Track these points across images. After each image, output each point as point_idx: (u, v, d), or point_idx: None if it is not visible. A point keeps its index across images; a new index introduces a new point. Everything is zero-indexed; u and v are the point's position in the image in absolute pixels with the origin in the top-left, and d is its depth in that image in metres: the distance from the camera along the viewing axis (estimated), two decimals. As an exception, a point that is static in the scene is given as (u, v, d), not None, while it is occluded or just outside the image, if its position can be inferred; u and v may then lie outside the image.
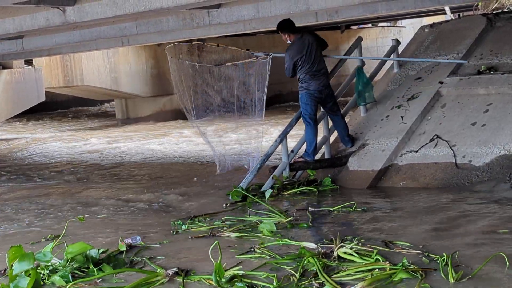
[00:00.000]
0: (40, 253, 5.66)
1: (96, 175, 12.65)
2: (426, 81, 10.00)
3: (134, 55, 23.27)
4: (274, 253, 5.97)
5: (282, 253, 6.02)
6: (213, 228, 7.17)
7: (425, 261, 5.47)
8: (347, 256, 5.62)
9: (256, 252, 6.07)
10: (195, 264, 5.93)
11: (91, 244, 5.97)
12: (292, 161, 9.45)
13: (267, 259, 5.87)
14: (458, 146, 8.85)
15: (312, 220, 7.31)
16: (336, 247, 5.71)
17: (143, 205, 9.27)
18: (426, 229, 6.69)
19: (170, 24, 11.31)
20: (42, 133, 22.98)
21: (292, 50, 9.36)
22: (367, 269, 5.26)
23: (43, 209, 9.36)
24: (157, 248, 6.62)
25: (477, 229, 6.55)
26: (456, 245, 5.94)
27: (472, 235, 6.31)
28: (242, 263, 5.83)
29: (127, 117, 24.44)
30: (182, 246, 6.71)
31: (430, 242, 6.09)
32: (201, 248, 6.42)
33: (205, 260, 5.84)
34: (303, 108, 9.43)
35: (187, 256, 6.31)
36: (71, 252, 5.63)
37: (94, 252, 5.82)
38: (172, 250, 6.53)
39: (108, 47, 17.36)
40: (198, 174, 11.57)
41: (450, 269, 5.09)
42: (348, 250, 5.66)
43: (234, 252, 6.21)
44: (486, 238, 6.17)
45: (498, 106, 9.06)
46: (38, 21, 9.66)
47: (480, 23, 10.50)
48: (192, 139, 17.06)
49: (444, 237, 6.32)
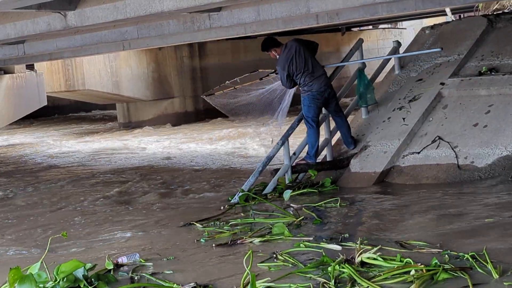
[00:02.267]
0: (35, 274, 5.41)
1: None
2: (427, 83, 10.00)
3: (135, 59, 23.28)
4: (296, 260, 5.79)
5: (303, 259, 5.86)
6: (233, 234, 7.01)
7: (445, 259, 5.41)
8: (371, 261, 5.49)
9: (278, 259, 5.87)
10: (211, 277, 5.70)
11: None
12: (294, 163, 9.45)
13: (289, 266, 5.69)
14: (460, 147, 8.85)
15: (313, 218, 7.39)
16: (358, 252, 5.56)
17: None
18: (434, 227, 6.72)
19: (171, 28, 11.30)
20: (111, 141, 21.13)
21: (280, 61, 9.45)
22: (403, 272, 5.19)
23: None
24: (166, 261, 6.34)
25: (487, 227, 6.56)
26: (471, 243, 5.97)
27: (483, 234, 6.32)
28: (264, 272, 5.59)
29: (129, 120, 24.45)
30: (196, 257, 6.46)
31: (444, 240, 6.10)
32: (217, 257, 6.30)
33: (221, 272, 5.74)
34: (306, 110, 9.44)
35: (203, 267, 6.06)
36: (63, 272, 5.38)
37: (81, 272, 5.52)
38: (189, 261, 6.29)
39: (109, 51, 17.37)
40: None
41: (491, 265, 5.11)
42: (372, 255, 5.54)
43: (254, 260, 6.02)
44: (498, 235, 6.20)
45: (500, 107, 9.06)
46: (40, 26, 9.68)
47: (481, 24, 10.50)
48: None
49: (456, 235, 6.34)
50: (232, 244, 6.62)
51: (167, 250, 6.71)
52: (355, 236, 6.51)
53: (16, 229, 8.58)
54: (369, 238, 6.35)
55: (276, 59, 9.59)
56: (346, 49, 24.62)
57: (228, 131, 18.67)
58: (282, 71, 9.43)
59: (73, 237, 7.64)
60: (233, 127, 18.89)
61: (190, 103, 24.40)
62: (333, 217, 7.66)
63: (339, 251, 5.93)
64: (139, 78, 23.36)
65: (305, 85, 9.40)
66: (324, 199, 8.40)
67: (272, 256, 5.96)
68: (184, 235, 7.31)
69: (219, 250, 6.55)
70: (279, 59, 9.50)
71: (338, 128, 9.83)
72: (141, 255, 6.38)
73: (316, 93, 9.39)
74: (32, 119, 28.37)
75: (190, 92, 24.41)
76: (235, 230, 7.15)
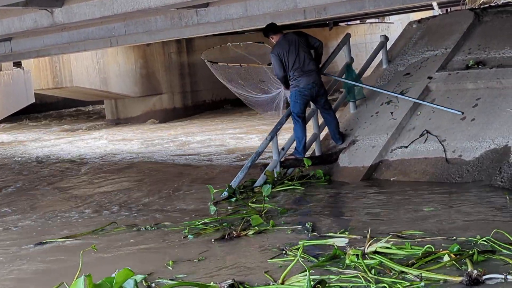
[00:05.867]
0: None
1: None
2: (415, 77, 10.03)
3: (123, 56, 23.24)
4: (307, 255, 5.68)
5: (310, 253, 5.77)
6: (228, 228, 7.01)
7: (453, 246, 5.39)
8: (385, 250, 5.43)
9: (288, 254, 5.78)
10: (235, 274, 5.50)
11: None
12: (282, 158, 9.47)
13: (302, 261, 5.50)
14: (448, 141, 8.88)
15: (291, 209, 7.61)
16: (367, 244, 5.51)
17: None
18: (423, 217, 6.80)
19: (158, 24, 11.30)
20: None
21: (275, 48, 9.45)
22: (434, 258, 5.20)
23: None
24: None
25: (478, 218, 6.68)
26: (461, 230, 6.09)
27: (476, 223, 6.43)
28: (276, 269, 5.48)
29: (117, 117, 24.42)
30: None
31: (438, 229, 6.18)
32: (226, 253, 6.26)
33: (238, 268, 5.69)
34: (292, 106, 9.45)
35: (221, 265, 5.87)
36: (118, 282, 4.89)
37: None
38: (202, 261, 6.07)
39: (97, 47, 17.36)
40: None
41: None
42: (384, 244, 5.49)
43: (261, 255, 5.96)
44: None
45: (487, 101, 9.10)
46: (26, 23, 9.65)
47: (468, 18, 10.53)
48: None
49: (448, 225, 6.41)
50: (229, 239, 6.64)
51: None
52: (335, 228, 6.63)
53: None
54: (360, 230, 6.39)
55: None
56: (334, 44, 24.69)
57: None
58: (274, 57, 9.39)
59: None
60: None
61: (179, 99, 24.39)
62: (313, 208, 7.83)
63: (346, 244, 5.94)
64: (127, 74, 23.33)
65: (293, 79, 9.40)
66: (313, 191, 8.44)
67: (282, 253, 5.89)
68: (169, 236, 7.12)
69: (221, 245, 6.52)
70: (274, 46, 9.49)
71: (327, 125, 9.83)
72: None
73: (303, 89, 9.38)
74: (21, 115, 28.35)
75: (179, 88, 24.39)
76: (217, 226, 7.16)
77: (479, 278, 4.69)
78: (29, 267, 6.43)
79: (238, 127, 19.29)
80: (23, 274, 6.24)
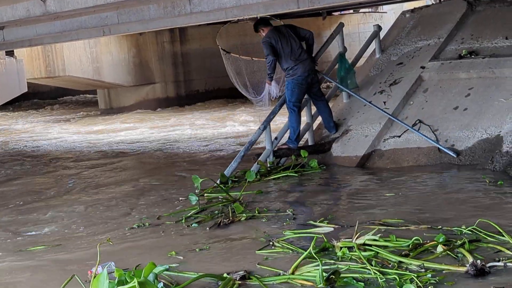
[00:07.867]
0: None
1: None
2: (408, 66, 10.04)
3: (116, 45, 23.17)
4: (295, 247, 5.66)
5: (298, 245, 5.77)
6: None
7: (438, 236, 5.40)
8: (373, 242, 5.41)
9: (276, 246, 5.79)
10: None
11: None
12: (276, 148, 9.47)
13: (290, 253, 5.57)
14: (440, 131, 8.90)
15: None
16: (355, 236, 5.48)
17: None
18: (405, 206, 6.90)
19: (151, 13, 11.24)
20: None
21: (265, 37, 9.47)
22: (421, 251, 5.22)
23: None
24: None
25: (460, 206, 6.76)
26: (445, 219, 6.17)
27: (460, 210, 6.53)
28: (264, 260, 5.49)
29: (110, 107, 24.37)
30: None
31: (419, 218, 6.24)
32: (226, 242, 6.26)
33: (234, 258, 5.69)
34: (289, 95, 9.44)
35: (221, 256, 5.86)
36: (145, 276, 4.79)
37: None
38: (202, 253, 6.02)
39: (90, 37, 17.25)
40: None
41: (508, 236, 5.26)
42: (372, 237, 5.48)
43: (250, 247, 5.92)
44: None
45: (480, 90, 9.12)
46: (19, 11, 9.63)
47: (461, 8, 10.53)
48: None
49: (432, 213, 6.49)
50: (224, 225, 6.75)
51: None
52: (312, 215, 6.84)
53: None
54: (340, 219, 6.49)
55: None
56: (327, 34, 24.59)
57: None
58: (265, 45, 9.39)
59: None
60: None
61: (172, 88, 24.35)
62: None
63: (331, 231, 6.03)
64: (120, 63, 23.27)
65: (290, 69, 9.41)
66: (305, 180, 8.51)
67: (269, 244, 5.88)
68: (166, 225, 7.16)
69: (217, 233, 6.57)
70: (265, 36, 9.49)
71: (320, 113, 9.84)
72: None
73: (300, 78, 9.39)
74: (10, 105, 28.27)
75: (172, 78, 24.34)
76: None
77: (484, 267, 4.71)
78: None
79: (228, 116, 19.36)
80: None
